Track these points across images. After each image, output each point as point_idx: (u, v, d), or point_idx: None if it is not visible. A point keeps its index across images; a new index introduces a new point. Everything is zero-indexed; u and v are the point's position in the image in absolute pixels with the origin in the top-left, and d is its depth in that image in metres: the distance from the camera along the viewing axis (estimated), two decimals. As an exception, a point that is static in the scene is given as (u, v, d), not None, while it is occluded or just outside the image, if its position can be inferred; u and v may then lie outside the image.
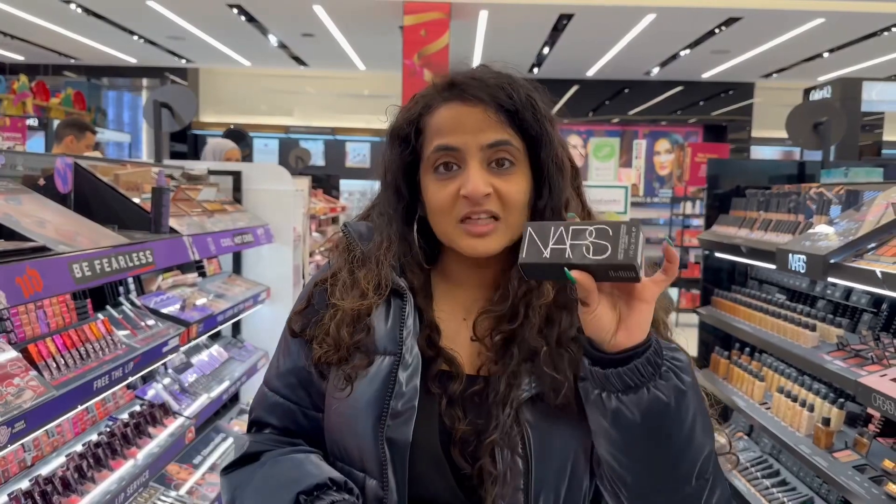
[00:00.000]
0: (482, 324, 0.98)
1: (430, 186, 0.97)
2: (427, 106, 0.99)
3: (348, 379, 0.97)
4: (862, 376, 2.16)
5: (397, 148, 1.01)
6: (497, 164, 0.95)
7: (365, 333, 0.98)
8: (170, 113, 3.58)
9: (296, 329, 1.07)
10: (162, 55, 12.53)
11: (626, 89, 13.98)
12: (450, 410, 0.95)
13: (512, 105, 0.94)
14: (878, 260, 2.13)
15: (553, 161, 0.97)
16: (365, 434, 0.94)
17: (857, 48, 10.44)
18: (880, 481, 2.19)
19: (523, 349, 0.94)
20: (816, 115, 3.67)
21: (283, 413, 1.07)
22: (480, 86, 0.95)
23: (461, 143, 0.94)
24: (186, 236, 2.43)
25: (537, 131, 0.96)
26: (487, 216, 0.94)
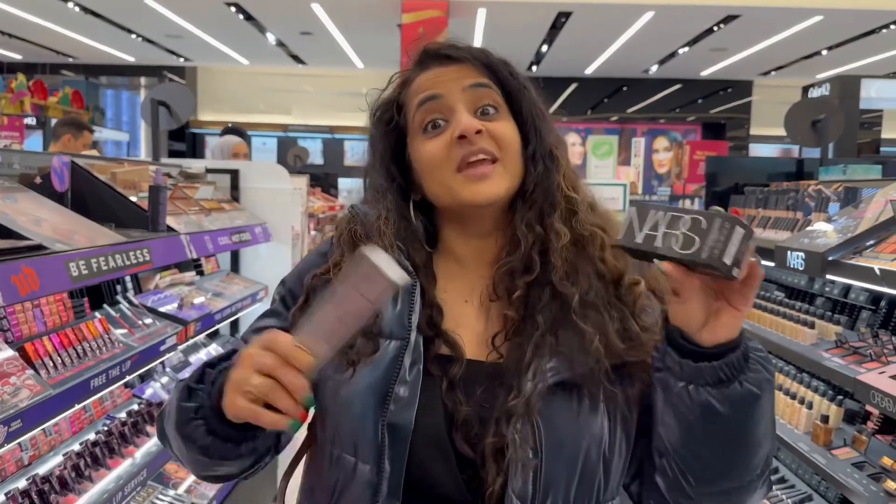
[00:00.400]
0: (500, 283, 0.96)
1: (422, 147, 0.96)
2: (405, 81, 1.00)
3: (351, 363, 0.93)
4: (860, 373, 2.16)
5: (382, 127, 1.01)
6: (482, 112, 0.95)
7: (376, 317, 0.93)
8: (167, 111, 3.57)
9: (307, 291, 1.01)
10: (160, 54, 12.52)
11: (625, 87, 13.98)
12: (451, 394, 0.92)
13: (487, 62, 0.97)
14: (877, 257, 2.13)
15: (534, 110, 0.99)
16: (364, 419, 0.91)
17: (855, 45, 10.45)
18: (879, 478, 2.19)
19: (547, 316, 0.91)
20: (815, 113, 3.67)
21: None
22: (455, 49, 0.98)
23: (443, 89, 0.95)
24: (184, 235, 2.42)
25: (515, 84, 0.98)
26: (485, 156, 0.93)
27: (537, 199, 0.96)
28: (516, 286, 0.94)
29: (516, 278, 0.95)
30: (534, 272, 0.93)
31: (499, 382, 0.91)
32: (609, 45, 10.97)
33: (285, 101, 14.31)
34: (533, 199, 0.96)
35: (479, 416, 0.91)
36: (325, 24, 9.96)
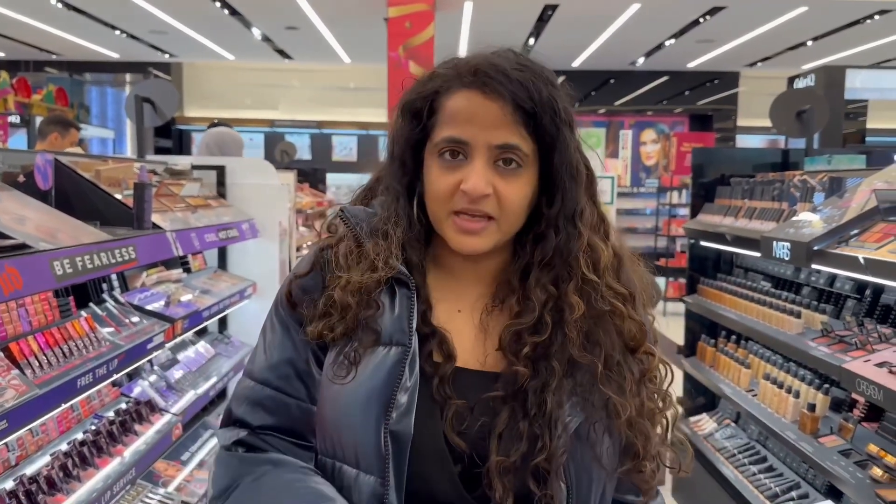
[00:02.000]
0: (507, 336, 0.95)
1: (433, 171, 0.95)
2: (445, 86, 0.95)
3: (352, 362, 0.92)
4: (846, 362, 2.18)
5: (408, 122, 0.98)
6: (504, 162, 0.92)
7: (374, 309, 0.94)
8: (152, 108, 3.54)
9: (293, 297, 1.00)
10: (145, 50, 12.44)
11: (612, 80, 14.01)
12: (441, 389, 0.92)
13: (531, 106, 0.91)
14: (862, 246, 2.15)
15: (566, 167, 0.94)
16: (366, 427, 0.90)
17: (840, 36, 10.51)
18: (865, 465, 2.21)
19: (563, 362, 0.92)
20: (799, 104, 3.69)
21: (276, 407, 0.99)
22: (503, 79, 0.91)
23: (471, 137, 0.92)
24: (170, 232, 2.41)
25: (553, 135, 0.93)
26: (482, 215, 0.93)
27: (554, 265, 0.95)
28: (524, 344, 0.93)
29: (525, 337, 0.94)
30: (544, 333, 0.93)
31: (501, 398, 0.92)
32: (596, 38, 10.98)
33: (272, 96, 14.24)
34: (550, 263, 0.95)
35: (476, 421, 0.91)
36: (311, 19, 9.91)
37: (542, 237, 0.96)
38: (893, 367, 1.99)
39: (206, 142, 4.65)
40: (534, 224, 0.97)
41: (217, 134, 4.74)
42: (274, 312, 1.03)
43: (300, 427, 0.99)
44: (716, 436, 3.30)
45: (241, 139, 4.77)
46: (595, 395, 0.92)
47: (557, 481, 0.89)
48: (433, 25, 8.37)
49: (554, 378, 0.91)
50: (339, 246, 0.99)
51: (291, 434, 0.99)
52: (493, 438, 0.90)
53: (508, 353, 0.94)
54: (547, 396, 0.90)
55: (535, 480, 0.89)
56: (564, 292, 0.93)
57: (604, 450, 0.93)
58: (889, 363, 2.03)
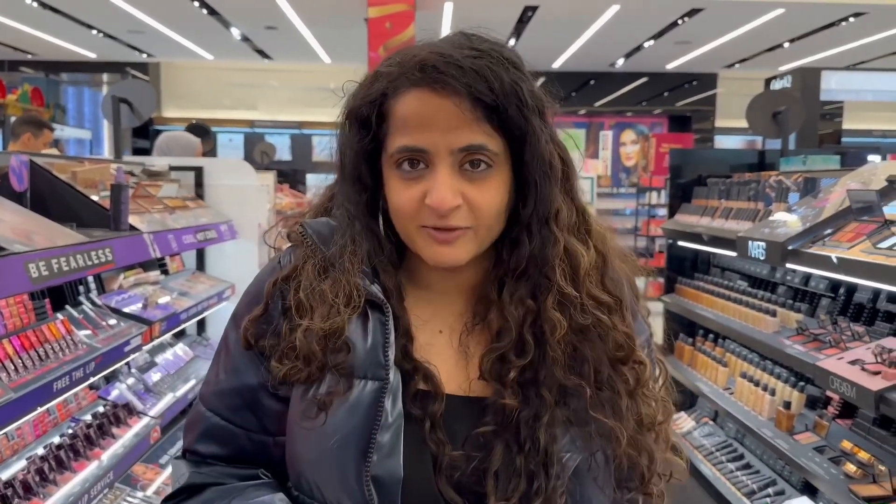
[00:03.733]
0: (489, 363, 0.86)
1: (393, 184, 0.84)
2: (391, 87, 0.83)
3: (322, 406, 0.82)
4: (820, 360, 2.21)
5: (356, 133, 0.86)
6: (472, 164, 0.81)
7: (345, 353, 0.83)
8: (129, 108, 3.51)
9: (251, 339, 0.89)
10: (122, 49, 12.30)
11: (592, 81, 14.08)
12: (434, 435, 0.83)
13: (492, 98, 0.79)
14: (835, 246, 2.18)
15: (538, 162, 0.83)
16: (344, 474, 0.81)
17: (816, 38, 10.63)
18: (839, 461, 2.24)
19: (553, 390, 0.83)
20: (775, 105, 3.74)
21: (225, 437, 0.91)
22: (456, 72, 0.79)
23: (429, 143, 0.80)
24: (147, 233, 2.39)
25: (521, 128, 0.81)
26: (454, 229, 0.83)
27: (530, 275, 0.86)
28: (509, 368, 0.84)
29: (509, 360, 0.85)
30: (527, 355, 0.84)
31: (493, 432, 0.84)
32: (576, 39, 11.03)
33: (251, 96, 14.15)
34: (525, 272, 0.86)
35: (469, 462, 0.83)
36: (291, 19, 9.86)
37: (516, 243, 0.86)
38: (866, 364, 2.03)
39: (157, 144, 4.61)
40: (512, 225, 0.87)
41: (167, 138, 4.70)
42: (228, 334, 0.94)
43: (253, 458, 0.92)
44: (694, 434, 3.33)
45: (194, 142, 4.67)
46: (591, 422, 0.84)
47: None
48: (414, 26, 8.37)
49: (545, 409, 0.83)
50: (298, 276, 0.88)
51: (245, 463, 0.92)
52: (489, 478, 0.82)
53: (493, 381, 0.85)
54: (539, 431, 0.82)
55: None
56: (543, 307, 0.84)
57: (605, 477, 0.87)
58: (862, 361, 2.06)
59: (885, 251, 1.95)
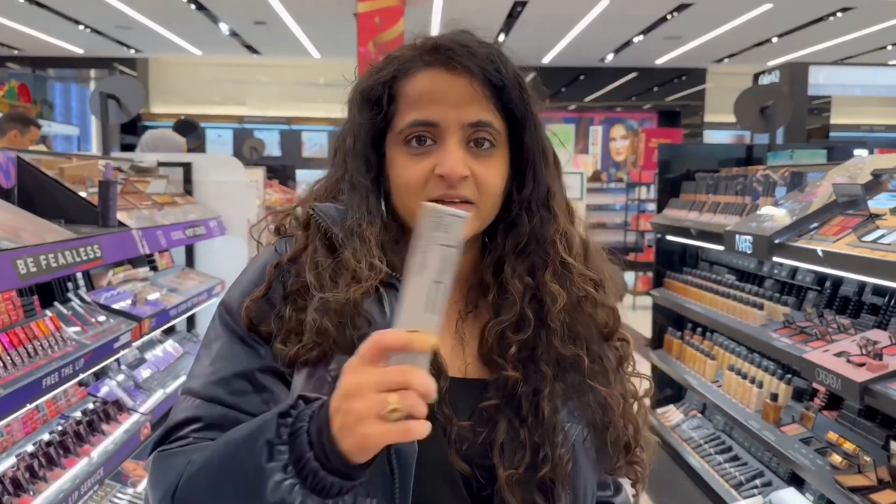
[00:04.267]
0: (491, 338, 0.89)
1: (400, 161, 0.87)
2: (403, 68, 0.88)
3: (331, 386, 0.79)
4: (806, 352, 2.23)
5: (367, 112, 0.90)
6: (476, 143, 0.86)
7: (366, 327, 0.83)
8: (116, 104, 3.50)
9: (255, 321, 0.88)
10: (110, 45, 12.23)
11: (582, 76, 14.11)
12: (440, 409, 0.85)
13: (500, 80, 0.86)
14: (821, 239, 2.20)
15: (538, 146, 0.90)
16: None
17: (805, 33, 10.68)
18: (824, 452, 2.27)
19: (551, 364, 0.88)
20: (763, 100, 3.76)
21: (229, 426, 0.85)
22: (467, 54, 0.85)
23: (440, 117, 0.85)
24: (135, 230, 2.39)
25: (523, 113, 0.88)
26: (461, 201, 0.85)
27: (529, 253, 0.90)
28: (509, 344, 0.88)
29: (509, 336, 0.89)
30: (527, 330, 0.88)
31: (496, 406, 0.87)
32: (565, 34, 11.05)
33: (240, 91, 14.10)
34: (525, 250, 0.90)
35: (476, 436, 0.86)
36: (279, 14, 9.83)
37: (514, 224, 0.90)
38: (851, 356, 2.05)
39: (141, 142, 4.59)
40: (504, 213, 0.91)
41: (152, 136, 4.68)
42: (219, 324, 0.91)
43: None
44: (683, 427, 3.35)
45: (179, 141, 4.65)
46: (588, 394, 0.89)
47: (563, 492, 0.86)
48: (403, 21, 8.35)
49: (546, 383, 0.87)
50: (303, 257, 0.89)
51: None
52: (495, 450, 0.85)
53: (495, 356, 0.89)
54: (542, 403, 0.86)
55: (540, 492, 0.86)
56: (542, 281, 0.89)
57: (595, 448, 0.91)
58: (847, 353, 2.08)
59: (869, 244, 1.97)
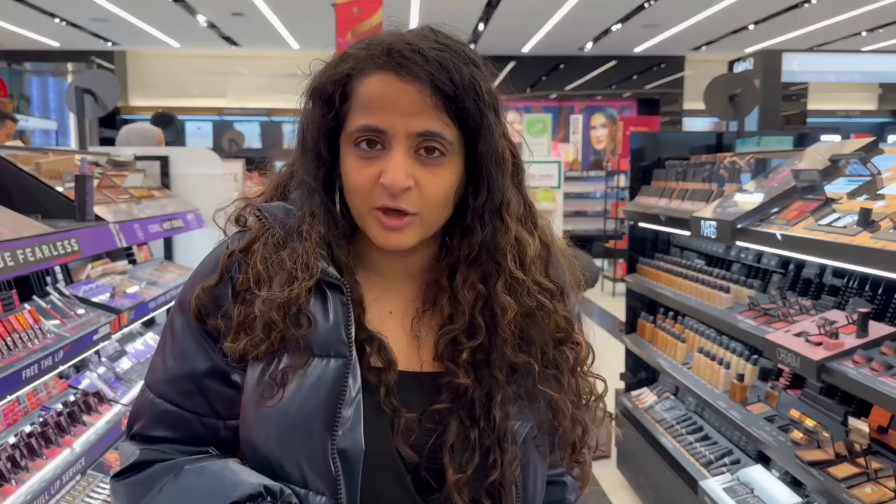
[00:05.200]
0: (443, 345, 0.91)
1: (350, 162, 0.87)
2: (357, 68, 0.87)
3: (279, 383, 0.84)
4: (769, 333, 2.31)
5: (319, 109, 0.90)
6: (426, 151, 0.85)
7: (307, 326, 0.86)
8: (93, 99, 3.51)
9: (203, 311, 0.90)
10: (86, 38, 12.12)
11: (562, 65, 14.16)
12: (388, 400, 0.87)
13: (452, 89, 0.84)
14: (781, 223, 2.28)
15: (492, 155, 0.88)
16: (310, 448, 0.84)
17: (780, 20, 10.79)
18: (787, 429, 2.35)
19: (504, 370, 0.89)
20: (732, 88, 3.83)
21: (176, 423, 0.92)
22: (420, 60, 0.84)
23: (388, 125, 0.84)
24: (112, 223, 2.42)
25: (477, 121, 0.86)
26: (402, 213, 0.86)
27: (481, 261, 0.90)
28: (461, 350, 0.90)
29: (461, 342, 0.90)
30: (479, 337, 0.89)
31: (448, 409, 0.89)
32: (544, 23, 11.09)
33: (219, 83, 14.02)
34: (477, 259, 0.91)
35: (424, 431, 0.88)
36: (257, 5, 9.79)
37: (468, 230, 0.91)
38: (810, 336, 2.13)
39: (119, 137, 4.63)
40: (461, 215, 0.91)
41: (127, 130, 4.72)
42: (174, 319, 0.94)
43: (205, 441, 0.93)
44: (656, 408, 3.44)
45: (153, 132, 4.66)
46: (538, 396, 0.91)
47: (511, 495, 0.88)
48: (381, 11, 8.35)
49: (498, 388, 0.89)
50: (253, 249, 0.91)
51: (196, 445, 0.93)
52: (445, 451, 0.87)
53: (447, 362, 0.90)
54: (493, 408, 0.88)
55: (488, 496, 0.88)
56: (493, 291, 0.89)
57: (545, 448, 0.93)
58: (807, 333, 2.16)
59: (825, 227, 2.05)
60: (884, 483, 1.89)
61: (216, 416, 0.92)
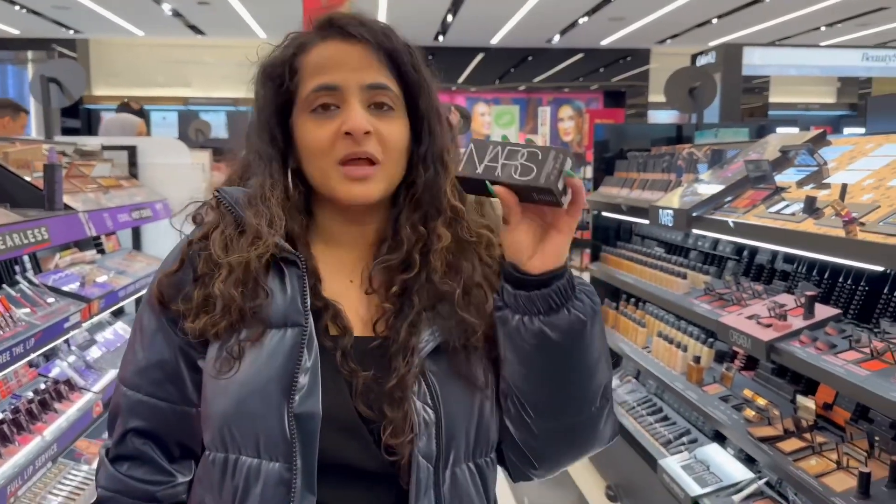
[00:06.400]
0: (378, 276, 0.95)
1: (307, 126, 0.92)
2: (302, 44, 0.95)
3: (236, 356, 0.89)
4: (722, 316, 2.42)
5: (270, 88, 0.96)
6: (376, 106, 0.92)
7: (263, 297, 0.90)
8: (58, 88, 3.49)
9: (165, 296, 0.95)
10: (47, 26, 11.87)
11: (530, 57, 14.25)
12: (344, 363, 0.91)
13: (391, 47, 0.93)
14: (733, 211, 2.38)
15: (433, 110, 0.96)
16: (267, 415, 0.87)
17: (742, 14, 10.98)
18: (740, 408, 2.46)
19: (423, 297, 0.92)
20: (691, 81, 3.95)
21: (150, 412, 0.98)
22: (360, 24, 0.93)
23: (342, 80, 0.91)
24: (82, 212, 2.43)
25: (415, 78, 0.94)
26: (367, 158, 0.91)
27: (423, 203, 0.95)
28: (393, 282, 0.94)
29: (394, 275, 0.95)
30: (412, 271, 0.94)
31: (388, 361, 0.92)
32: (512, 15, 11.15)
33: (185, 73, 13.84)
34: (419, 201, 0.96)
35: (380, 386, 0.90)
36: (224, -6, 9.71)
37: (412, 181, 0.96)
38: (761, 319, 2.24)
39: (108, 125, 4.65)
40: (408, 174, 0.97)
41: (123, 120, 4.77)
42: (143, 312, 1.00)
43: (177, 430, 0.99)
44: (618, 391, 3.54)
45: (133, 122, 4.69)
46: (454, 318, 0.93)
47: (411, 402, 0.89)
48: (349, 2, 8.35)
49: (412, 312, 0.92)
50: (213, 235, 0.95)
51: (169, 437, 1.00)
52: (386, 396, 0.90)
53: (379, 294, 0.95)
54: (401, 328, 0.92)
55: (390, 405, 0.89)
56: (432, 228, 0.94)
57: (473, 370, 0.93)
58: (758, 316, 2.27)
59: (774, 215, 2.15)
60: (827, 455, 2.00)
61: (187, 402, 0.97)
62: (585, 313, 0.86)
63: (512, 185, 0.82)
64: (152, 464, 1.00)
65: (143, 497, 0.99)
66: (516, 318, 0.87)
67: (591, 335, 0.87)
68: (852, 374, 1.76)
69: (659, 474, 2.69)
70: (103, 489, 1.00)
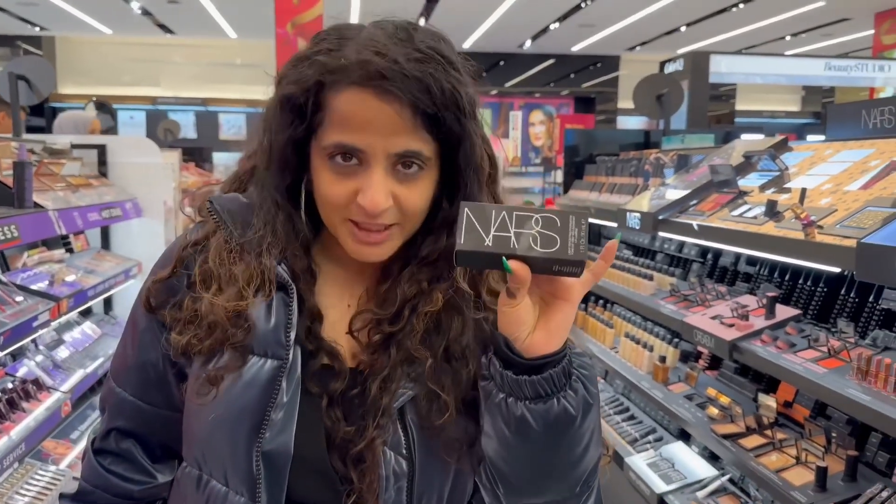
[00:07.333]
0: (359, 320, 0.90)
1: (323, 175, 0.84)
2: (331, 80, 0.81)
3: (213, 382, 0.85)
4: (686, 317, 2.48)
5: (288, 118, 0.85)
6: (404, 165, 0.83)
7: (245, 332, 0.85)
8: (27, 85, 3.45)
9: (153, 302, 0.93)
10: (13, 22, 11.67)
11: (502, 62, 14.36)
12: (329, 411, 0.86)
13: (432, 107, 0.80)
14: (698, 215, 2.45)
15: (469, 164, 0.86)
16: (234, 447, 0.84)
17: (710, 23, 11.21)
18: (704, 406, 2.53)
19: (401, 352, 0.87)
20: (658, 88, 4.03)
21: (133, 412, 0.97)
22: (400, 79, 0.78)
23: (366, 145, 0.80)
24: (52, 211, 2.42)
25: (458, 134, 0.83)
26: (383, 228, 0.84)
27: (437, 266, 0.89)
28: (378, 332, 0.89)
29: (381, 326, 0.89)
30: (397, 325, 0.88)
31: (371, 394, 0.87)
32: (484, 20, 11.23)
33: (153, 72, 13.68)
34: (433, 265, 0.89)
35: (358, 432, 0.86)
36: (195, -7, 9.64)
37: (433, 234, 0.89)
38: (724, 319, 2.30)
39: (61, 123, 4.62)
40: (431, 218, 0.89)
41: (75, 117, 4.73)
42: (136, 310, 0.97)
43: (161, 433, 0.98)
44: (586, 392, 3.59)
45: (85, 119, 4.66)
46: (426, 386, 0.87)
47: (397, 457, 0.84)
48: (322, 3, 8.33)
49: (387, 366, 0.87)
50: (209, 245, 0.91)
51: (153, 438, 0.99)
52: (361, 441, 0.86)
53: (360, 340, 0.90)
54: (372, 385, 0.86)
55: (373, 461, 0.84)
56: (432, 293, 0.88)
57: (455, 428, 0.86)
58: (721, 316, 2.33)
59: (736, 218, 2.22)
60: (787, 451, 2.07)
61: (172, 408, 0.95)
62: (576, 406, 0.78)
63: (531, 259, 0.72)
64: (134, 462, 0.99)
65: (122, 495, 0.99)
66: (500, 396, 0.79)
67: (578, 427, 0.79)
68: (810, 372, 1.83)
69: (626, 471, 2.74)
70: (84, 481, 1.01)
